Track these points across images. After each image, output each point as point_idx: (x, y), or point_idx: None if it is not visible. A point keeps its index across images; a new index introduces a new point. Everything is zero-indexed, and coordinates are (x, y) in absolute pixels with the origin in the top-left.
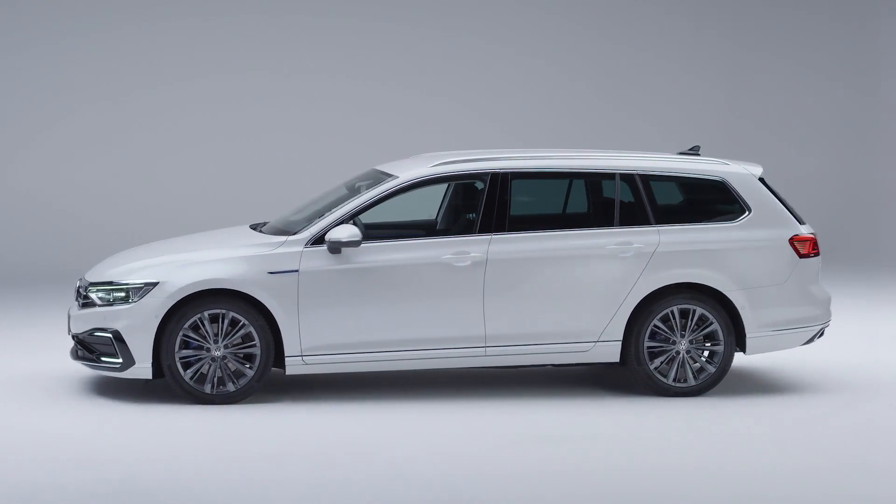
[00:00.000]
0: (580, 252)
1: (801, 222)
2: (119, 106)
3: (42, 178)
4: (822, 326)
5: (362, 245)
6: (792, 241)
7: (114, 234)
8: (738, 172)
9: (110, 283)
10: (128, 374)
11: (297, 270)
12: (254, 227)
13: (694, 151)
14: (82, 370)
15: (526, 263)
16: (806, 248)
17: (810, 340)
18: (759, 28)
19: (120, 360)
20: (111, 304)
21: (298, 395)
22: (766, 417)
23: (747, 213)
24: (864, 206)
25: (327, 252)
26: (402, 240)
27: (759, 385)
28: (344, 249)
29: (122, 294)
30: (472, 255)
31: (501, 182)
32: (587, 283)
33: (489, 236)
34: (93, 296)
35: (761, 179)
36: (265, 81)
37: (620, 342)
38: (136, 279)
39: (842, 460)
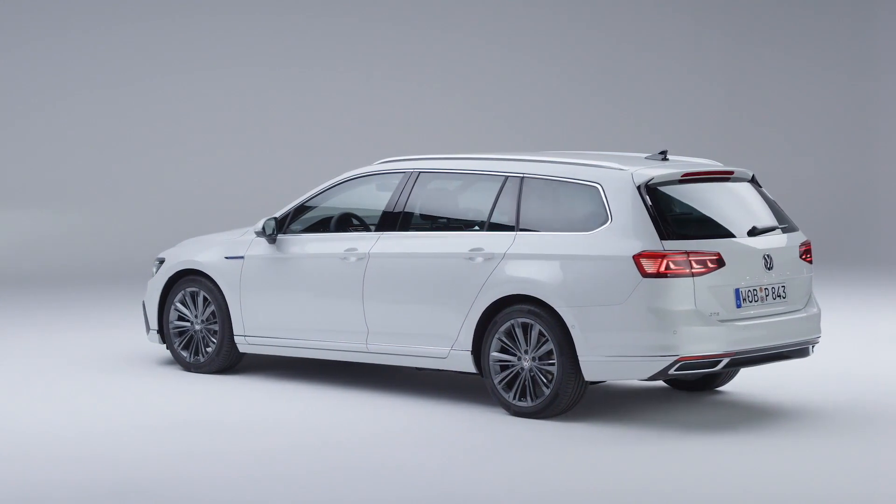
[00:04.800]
0: (439, 254)
1: (693, 236)
2: (122, 105)
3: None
4: (675, 357)
5: (296, 237)
6: (637, 257)
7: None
8: (616, 178)
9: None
10: (148, 337)
11: (242, 257)
12: None
13: (662, 156)
14: (80, 370)
15: (395, 263)
16: (656, 266)
17: (662, 374)
18: (760, 29)
19: (145, 326)
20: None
21: (296, 388)
22: (758, 418)
23: (607, 222)
24: (865, 206)
25: (267, 242)
26: (321, 233)
27: (746, 389)
28: (277, 239)
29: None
30: (358, 251)
31: (406, 182)
32: (441, 288)
33: (379, 234)
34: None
35: (753, 180)
36: (279, 83)
37: (471, 352)
38: (160, 256)
39: (842, 458)
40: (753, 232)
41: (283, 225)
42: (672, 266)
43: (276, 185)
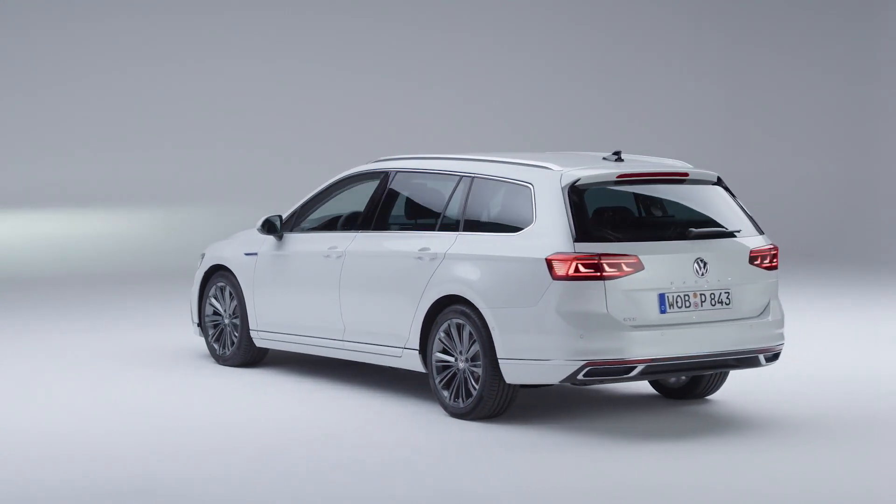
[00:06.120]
0: (395, 253)
1: (601, 239)
2: (120, 101)
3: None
4: (583, 362)
5: (299, 235)
6: (549, 259)
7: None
8: (545, 179)
9: None
10: (193, 330)
11: (256, 253)
12: None
13: (616, 156)
14: (79, 371)
15: (364, 262)
16: (565, 268)
17: (571, 378)
18: (760, 30)
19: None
20: None
21: (305, 386)
22: (762, 418)
23: (532, 224)
24: (865, 206)
25: (277, 239)
26: (319, 231)
27: (741, 393)
28: (284, 237)
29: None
30: (338, 249)
31: (382, 182)
32: (396, 286)
33: (356, 233)
34: None
35: (688, 180)
36: (283, 81)
37: (418, 351)
38: (204, 251)
39: (840, 460)
40: (688, 235)
41: (291, 223)
42: (582, 269)
43: (284, 183)
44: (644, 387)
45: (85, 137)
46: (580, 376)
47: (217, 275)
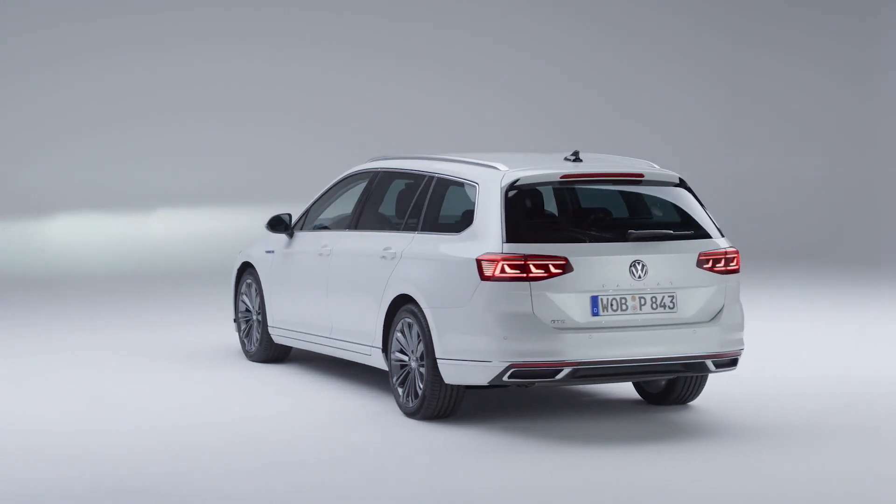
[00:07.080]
0: (366, 253)
1: (530, 240)
2: (117, 97)
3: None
4: (507, 364)
5: (306, 234)
6: (479, 260)
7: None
8: (489, 179)
9: None
10: (233, 326)
11: (273, 251)
12: None
13: (574, 156)
14: (80, 370)
15: (345, 260)
16: (492, 269)
17: (497, 380)
18: (761, 30)
19: None
20: None
21: (304, 382)
22: (750, 420)
23: (471, 224)
24: (865, 206)
25: (288, 237)
26: (322, 230)
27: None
28: (294, 235)
29: None
30: (328, 247)
31: (369, 182)
32: (363, 286)
33: (343, 233)
34: None
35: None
36: (287, 79)
37: (382, 350)
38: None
39: (839, 461)
40: (628, 237)
41: (301, 221)
42: (508, 270)
43: (313, 181)
44: (629, 392)
45: (86, 139)
46: (505, 378)
47: (247, 272)
